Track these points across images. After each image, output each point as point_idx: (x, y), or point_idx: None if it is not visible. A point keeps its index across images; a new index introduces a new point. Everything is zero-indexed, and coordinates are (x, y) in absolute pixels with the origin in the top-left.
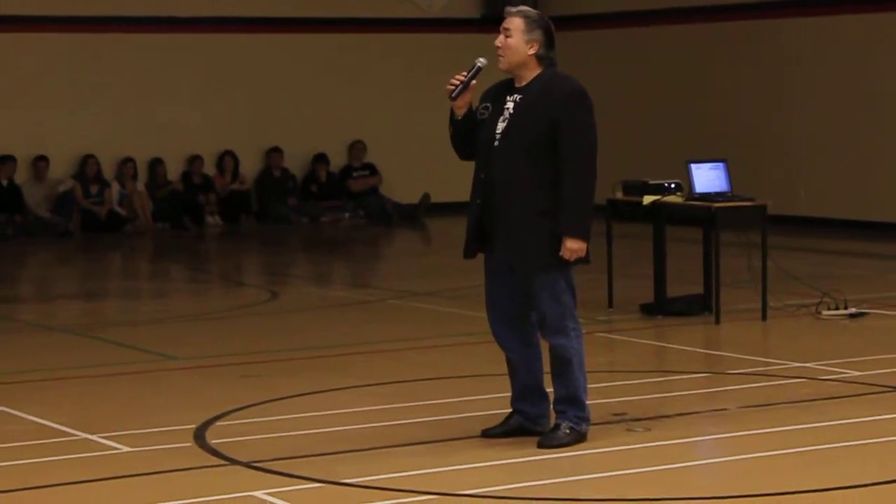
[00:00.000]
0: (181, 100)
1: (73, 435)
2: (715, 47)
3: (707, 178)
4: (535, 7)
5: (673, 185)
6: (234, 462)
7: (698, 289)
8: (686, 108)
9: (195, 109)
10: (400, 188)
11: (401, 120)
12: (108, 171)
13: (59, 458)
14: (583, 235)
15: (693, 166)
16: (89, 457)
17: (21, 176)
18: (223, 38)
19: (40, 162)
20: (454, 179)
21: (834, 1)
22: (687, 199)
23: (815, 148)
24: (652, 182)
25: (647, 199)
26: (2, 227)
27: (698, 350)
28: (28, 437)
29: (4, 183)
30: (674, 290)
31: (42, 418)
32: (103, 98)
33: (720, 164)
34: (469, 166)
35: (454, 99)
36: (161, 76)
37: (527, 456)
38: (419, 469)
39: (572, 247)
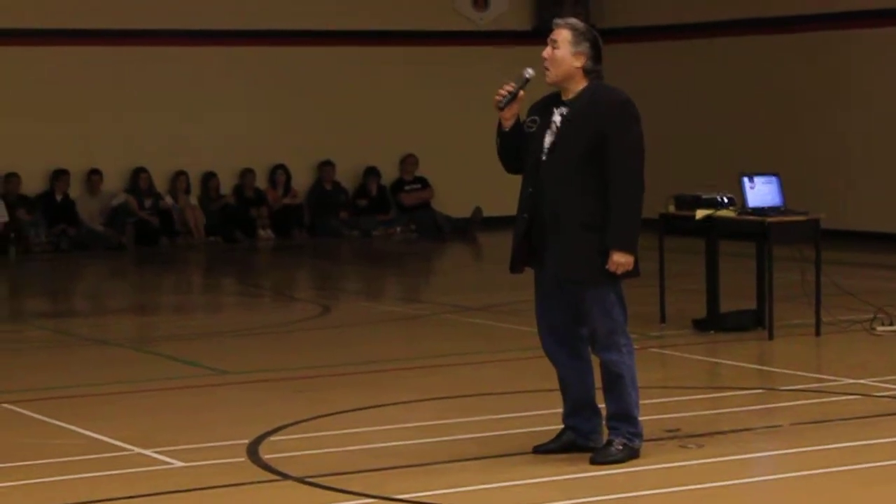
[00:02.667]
0: (234, 114)
1: (127, 450)
2: (768, 59)
3: (760, 192)
4: (584, 20)
5: (726, 200)
6: (286, 477)
7: (751, 304)
8: (739, 122)
9: (248, 123)
10: (452, 202)
11: (452, 133)
12: (161, 185)
13: (112, 472)
14: (629, 249)
15: (746, 180)
16: (143, 471)
17: (75, 190)
18: (276, 52)
19: (94, 176)
20: (506, 193)
21: (889, 13)
22: (740, 214)
23: (869, 161)
24: (705, 196)
25: (700, 214)
26: (56, 241)
27: (752, 366)
28: (82, 451)
29: (59, 197)
30: (727, 306)
31: (96, 433)
32: (156, 112)
33: (773, 178)
34: (520, 180)
35: (502, 110)
36: (214, 90)
37: (579, 472)
38: (471, 485)
39: (619, 260)
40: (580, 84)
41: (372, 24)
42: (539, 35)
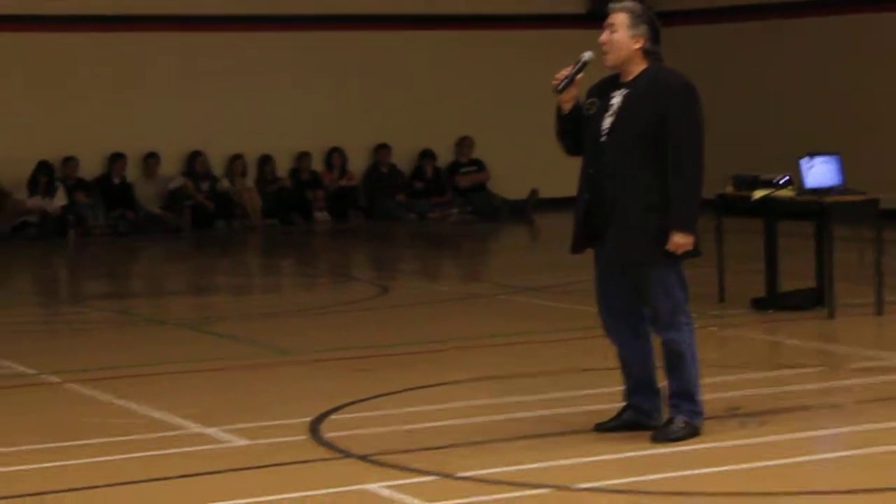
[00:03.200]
0: (290, 97)
1: (190, 428)
2: (827, 40)
3: (819, 172)
4: (642, 2)
5: (784, 180)
6: (348, 455)
7: (810, 284)
8: (798, 102)
9: (304, 106)
10: (508, 184)
11: (508, 115)
12: (218, 168)
13: (175, 451)
14: (689, 229)
15: (804, 160)
16: (205, 450)
17: (132, 173)
18: (332, 36)
19: (151, 159)
20: (562, 174)
21: None
22: (798, 194)
23: None
24: (763, 177)
25: (758, 194)
26: (114, 224)
27: (812, 344)
28: (145, 430)
29: (116, 180)
30: (786, 285)
31: (158, 412)
32: (212, 95)
33: (833, 158)
34: (576, 161)
35: (560, 93)
36: (270, 73)
37: (640, 450)
38: (533, 463)
39: (679, 240)
40: (639, 66)
41: (429, 8)
42: (594, 18)
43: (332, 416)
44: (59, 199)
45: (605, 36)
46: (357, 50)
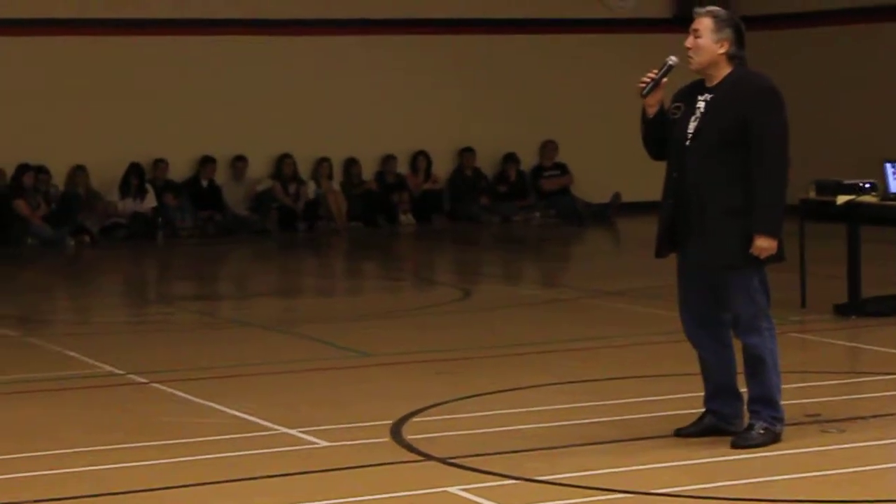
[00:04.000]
0: (375, 100)
1: (273, 429)
2: None
3: None
4: (727, 7)
5: (868, 185)
6: (429, 458)
7: (893, 290)
8: (882, 107)
9: (390, 110)
10: (591, 188)
11: (592, 119)
12: (305, 171)
13: (259, 451)
14: (773, 233)
15: (889, 165)
16: (288, 451)
17: (221, 176)
18: (418, 40)
19: (239, 162)
20: (645, 179)
21: None
22: (882, 199)
23: None
24: (846, 182)
25: (841, 199)
26: (203, 226)
27: (893, 351)
28: (229, 430)
29: (205, 183)
30: (869, 291)
31: (242, 412)
32: (300, 99)
33: None
34: (658, 166)
35: (645, 96)
36: (357, 77)
37: (720, 456)
38: (612, 468)
39: (762, 245)
40: (724, 70)
41: (514, 13)
42: (679, 22)
43: (414, 419)
44: (150, 201)
45: (690, 40)
46: (442, 54)
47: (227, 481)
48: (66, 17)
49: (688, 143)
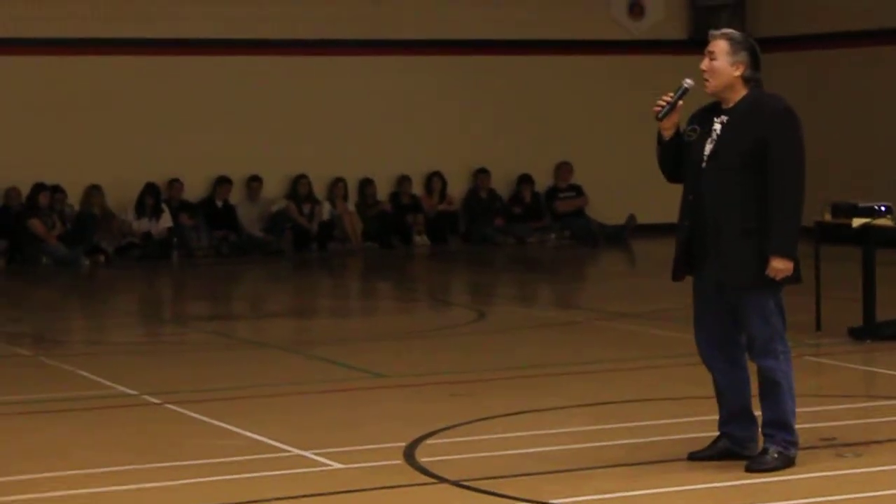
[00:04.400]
0: (391, 121)
1: (286, 451)
2: None
3: None
4: (742, 29)
5: (884, 208)
6: (442, 480)
7: None
8: None
9: (405, 131)
10: (606, 210)
11: (608, 141)
12: (320, 191)
13: (272, 473)
14: (789, 255)
15: None
16: (302, 473)
17: (235, 196)
18: (433, 61)
19: (254, 182)
20: (660, 201)
21: None
22: None
23: None
24: (862, 205)
25: (857, 222)
26: (217, 246)
27: None
28: (243, 452)
29: (220, 203)
30: (884, 315)
31: (256, 433)
32: (315, 119)
33: None
34: (674, 188)
35: (661, 120)
36: (370, 98)
37: (734, 480)
38: (626, 491)
39: (778, 266)
40: (740, 93)
41: (529, 34)
42: (695, 44)
43: (427, 441)
44: (165, 221)
45: (705, 63)
46: (458, 75)
47: (241, 503)
48: (83, 37)
49: (704, 165)
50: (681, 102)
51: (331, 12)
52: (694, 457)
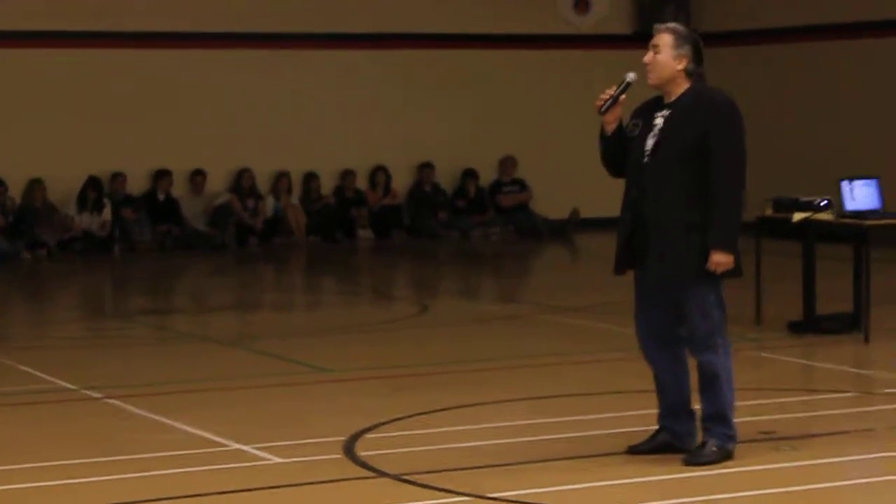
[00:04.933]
0: (335, 115)
1: (225, 445)
2: (868, 63)
3: (859, 195)
4: (687, 24)
5: (824, 203)
6: (382, 474)
7: (848, 307)
8: (838, 125)
9: (348, 125)
10: (550, 204)
11: (551, 136)
12: (264, 185)
13: (211, 467)
14: (730, 248)
15: (845, 184)
16: (240, 467)
17: (178, 189)
18: (376, 55)
19: (198, 176)
20: (603, 195)
21: None
22: (838, 217)
23: None
24: (802, 199)
25: (797, 217)
26: (160, 240)
27: (848, 369)
28: (181, 446)
29: (161, 197)
30: (823, 309)
31: (196, 428)
32: (259, 113)
33: (873, 182)
34: (617, 182)
35: (603, 114)
36: (316, 92)
37: (672, 473)
38: (565, 484)
39: (719, 259)
40: (682, 86)
41: (474, 28)
42: (640, 39)
43: (368, 435)
44: (107, 215)
45: (649, 56)
46: (401, 69)
47: (180, 497)
48: (26, 30)
49: (646, 159)
50: (623, 96)
51: (275, 5)
52: (633, 450)
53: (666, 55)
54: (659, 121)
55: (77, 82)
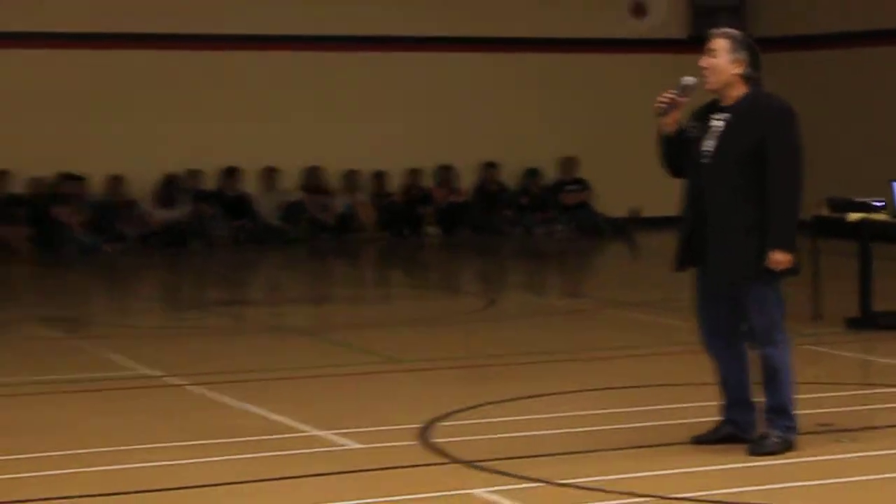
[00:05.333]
0: (404, 115)
1: (304, 431)
2: None
3: None
4: (742, 30)
5: (879, 204)
6: (456, 461)
7: None
8: (890, 128)
9: (417, 125)
10: (610, 202)
11: (612, 136)
12: (335, 183)
13: (290, 452)
14: (788, 247)
15: None
16: (319, 452)
17: (254, 186)
18: (445, 57)
19: (270, 173)
20: (663, 194)
21: None
22: (892, 217)
23: None
24: (858, 200)
25: (853, 217)
26: (235, 234)
27: None
28: (262, 432)
29: (231, 193)
30: (880, 306)
31: (277, 414)
32: (331, 112)
33: None
34: (676, 182)
35: (662, 116)
36: (385, 92)
37: (736, 462)
38: (632, 472)
39: (778, 258)
40: (740, 90)
41: (536, 32)
42: (696, 43)
43: (441, 423)
44: (184, 211)
45: (705, 60)
46: (469, 71)
47: (260, 480)
48: (109, 32)
49: (705, 161)
50: (683, 99)
51: (349, 6)
52: (698, 440)
53: (722, 59)
54: (717, 123)
55: (156, 82)
